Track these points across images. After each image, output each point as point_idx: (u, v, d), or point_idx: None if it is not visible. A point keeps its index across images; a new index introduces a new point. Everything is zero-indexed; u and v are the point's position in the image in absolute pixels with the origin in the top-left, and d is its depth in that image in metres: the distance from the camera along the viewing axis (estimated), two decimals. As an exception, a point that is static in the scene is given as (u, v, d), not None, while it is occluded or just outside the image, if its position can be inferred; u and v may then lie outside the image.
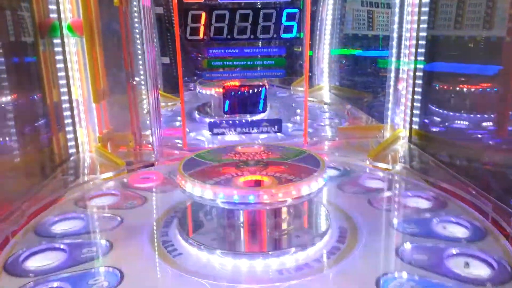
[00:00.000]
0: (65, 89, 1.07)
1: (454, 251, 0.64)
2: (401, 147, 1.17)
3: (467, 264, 0.62)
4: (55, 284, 0.58)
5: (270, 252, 0.64)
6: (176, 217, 0.76)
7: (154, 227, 0.74)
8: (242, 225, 0.69)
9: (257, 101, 1.15)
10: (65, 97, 1.08)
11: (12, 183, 0.89)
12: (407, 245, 0.66)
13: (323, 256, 0.64)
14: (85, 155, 1.11)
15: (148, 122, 1.14)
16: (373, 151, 1.10)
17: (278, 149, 0.82)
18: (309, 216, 0.78)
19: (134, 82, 1.15)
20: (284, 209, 0.71)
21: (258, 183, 0.67)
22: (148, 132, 1.14)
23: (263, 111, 1.18)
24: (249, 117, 1.19)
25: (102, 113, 1.11)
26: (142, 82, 1.24)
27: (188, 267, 0.62)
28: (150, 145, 1.12)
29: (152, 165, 1.06)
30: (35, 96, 1.02)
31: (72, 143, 1.10)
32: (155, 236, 0.71)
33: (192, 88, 1.53)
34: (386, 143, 1.15)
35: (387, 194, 0.87)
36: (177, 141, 1.19)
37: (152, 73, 1.07)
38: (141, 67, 1.36)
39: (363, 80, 1.69)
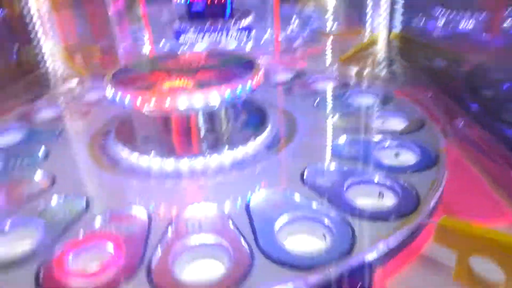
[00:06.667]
0: None
1: (386, 144, 0.65)
2: (378, 51, 1.09)
3: (396, 155, 0.63)
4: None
5: (202, 152, 0.65)
6: (114, 126, 0.77)
7: (94, 137, 0.76)
8: (172, 129, 0.70)
9: (223, 5, 1.09)
10: (27, 10, 1.06)
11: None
12: (341, 140, 0.67)
13: (257, 152, 0.66)
14: (54, 65, 1.11)
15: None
16: (344, 56, 1.05)
17: (222, 56, 0.79)
18: (248, 117, 0.77)
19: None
20: (218, 112, 0.70)
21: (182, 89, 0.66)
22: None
23: (230, 17, 1.12)
24: (219, 25, 1.14)
25: (66, 24, 1.09)
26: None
27: (124, 171, 0.64)
28: (116, 55, 1.10)
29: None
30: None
31: (39, 54, 1.10)
32: (94, 144, 0.73)
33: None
34: (359, 47, 1.09)
35: (336, 95, 0.85)
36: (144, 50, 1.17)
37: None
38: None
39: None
